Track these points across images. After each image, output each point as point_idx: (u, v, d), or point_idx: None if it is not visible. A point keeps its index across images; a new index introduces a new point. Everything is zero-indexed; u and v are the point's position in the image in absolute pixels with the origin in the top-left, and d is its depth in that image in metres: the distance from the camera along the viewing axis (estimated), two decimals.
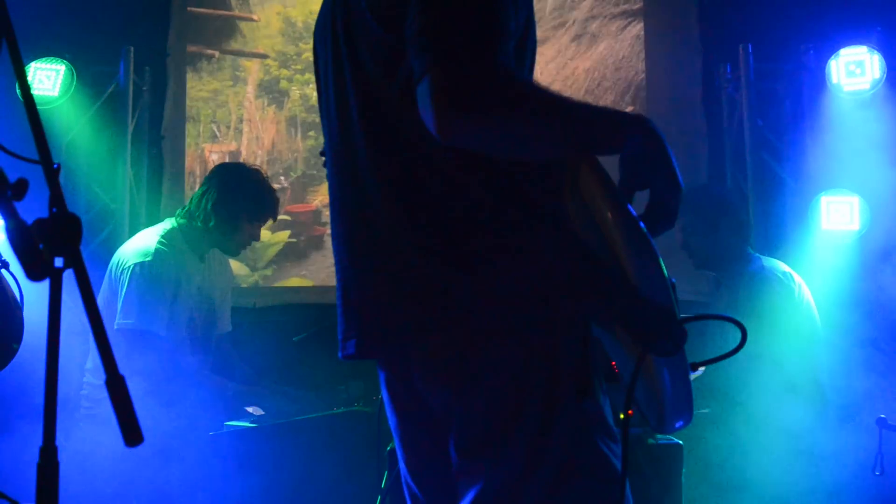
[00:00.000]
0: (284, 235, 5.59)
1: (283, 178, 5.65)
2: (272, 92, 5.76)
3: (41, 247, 1.18)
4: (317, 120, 5.54)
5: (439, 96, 1.42)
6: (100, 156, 5.30)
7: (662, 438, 3.12)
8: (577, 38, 5.67)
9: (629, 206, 1.48)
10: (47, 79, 5.08)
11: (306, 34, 5.75)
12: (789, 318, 3.82)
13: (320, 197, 5.63)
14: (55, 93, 5.07)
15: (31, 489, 1.32)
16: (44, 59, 5.09)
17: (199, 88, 5.75)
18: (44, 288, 1.28)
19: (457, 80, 1.42)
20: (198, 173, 5.63)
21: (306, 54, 5.73)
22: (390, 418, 1.84)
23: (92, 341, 1.25)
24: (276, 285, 5.57)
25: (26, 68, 1.39)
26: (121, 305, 3.62)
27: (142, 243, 3.75)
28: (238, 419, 3.62)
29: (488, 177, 1.57)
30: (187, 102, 5.71)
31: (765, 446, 3.55)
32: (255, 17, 5.82)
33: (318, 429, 3.49)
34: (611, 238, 1.47)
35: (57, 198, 1.27)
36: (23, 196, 1.17)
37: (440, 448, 1.66)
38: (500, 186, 1.57)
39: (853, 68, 4.94)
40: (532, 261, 1.55)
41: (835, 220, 4.83)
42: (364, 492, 3.24)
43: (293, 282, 5.56)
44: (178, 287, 3.75)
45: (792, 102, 5.29)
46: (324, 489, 3.37)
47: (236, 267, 5.39)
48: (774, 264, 4.04)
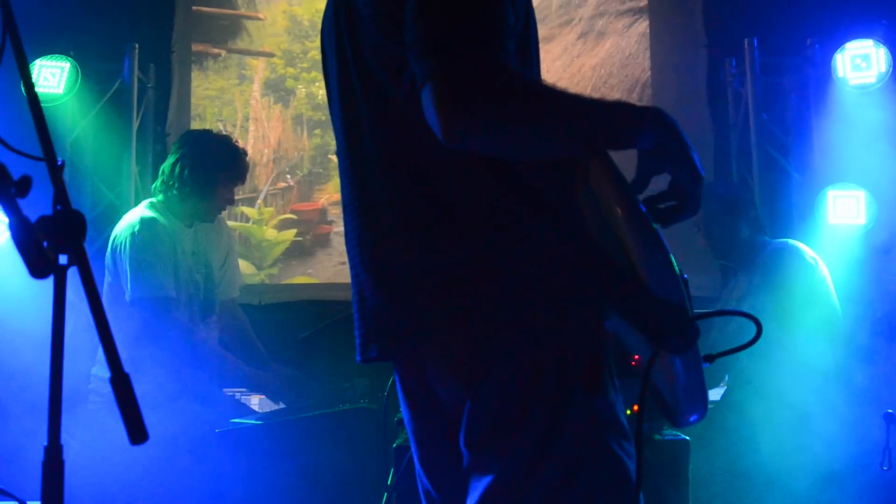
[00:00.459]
0: (290, 234, 5.58)
1: (289, 176, 5.64)
2: (278, 90, 5.75)
3: (45, 244, 1.18)
4: (323, 118, 5.55)
5: (443, 102, 1.40)
6: (104, 153, 5.30)
7: (669, 434, 3.11)
8: (583, 35, 5.67)
9: (639, 202, 1.47)
10: (52, 76, 5.07)
11: (312, 32, 5.74)
12: (810, 291, 3.82)
13: (326, 195, 5.62)
14: (60, 90, 5.07)
15: (34, 485, 1.32)
16: (48, 56, 5.08)
17: (205, 87, 5.75)
18: (48, 285, 1.28)
19: (459, 84, 1.40)
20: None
21: (312, 52, 5.72)
22: (404, 413, 1.83)
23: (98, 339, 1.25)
24: (281, 283, 5.55)
25: (31, 66, 1.39)
26: (128, 280, 3.65)
27: (129, 218, 3.82)
28: (243, 415, 3.62)
29: (498, 174, 1.56)
30: (193, 101, 5.71)
31: (771, 440, 3.55)
32: (260, 15, 5.82)
33: (324, 426, 3.48)
34: (621, 234, 1.46)
35: (61, 195, 1.27)
36: (26, 193, 1.16)
37: (453, 444, 1.65)
38: (511, 183, 1.56)
39: (859, 62, 4.92)
40: (543, 257, 1.54)
41: (841, 214, 4.82)
42: (370, 489, 3.23)
43: (299, 280, 5.55)
44: (174, 250, 3.78)
45: (798, 97, 5.27)
46: (330, 486, 3.37)
47: (243, 265, 5.39)
48: (798, 244, 4.06)
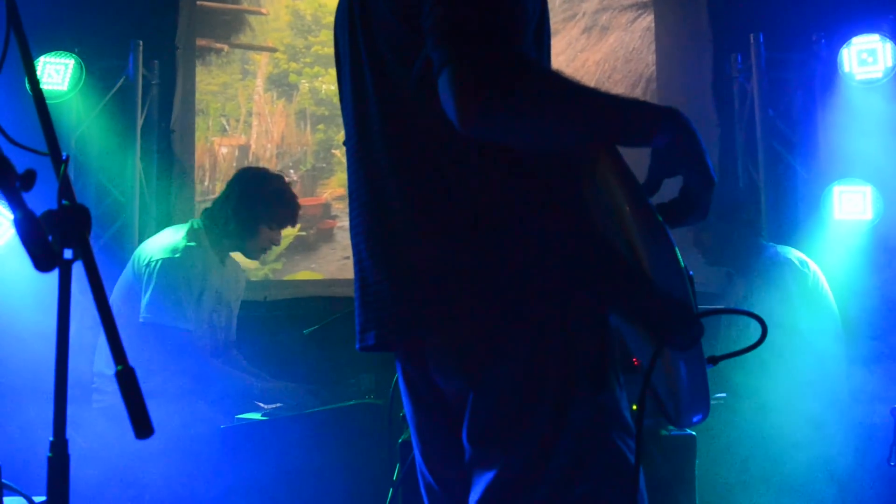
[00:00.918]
0: (294, 229, 5.55)
1: (292, 171, 5.64)
2: (281, 85, 5.74)
3: (50, 238, 1.17)
4: (326, 113, 5.55)
5: (460, 88, 1.39)
6: (109, 150, 5.29)
7: (675, 430, 3.10)
8: (587, 30, 5.65)
9: (647, 199, 1.46)
10: (56, 73, 5.06)
11: (315, 27, 5.73)
12: (803, 303, 3.80)
13: (330, 190, 5.62)
14: (64, 87, 5.06)
15: (39, 480, 1.32)
16: (53, 53, 5.08)
17: (208, 82, 5.75)
18: (53, 281, 1.27)
19: (477, 71, 1.39)
20: (207, 167, 5.63)
21: (315, 47, 5.71)
22: (406, 407, 1.83)
23: (102, 334, 1.24)
24: (285, 278, 5.56)
25: (35, 62, 1.39)
26: (147, 300, 3.63)
27: (170, 239, 3.78)
28: (250, 412, 3.62)
29: (505, 167, 1.55)
30: (197, 97, 5.70)
31: (778, 436, 3.54)
32: (263, 10, 5.81)
33: (329, 421, 3.48)
34: (627, 229, 1.45)
35: (66, 189, 1.27)
36: (31, 187, 1.16)
37: (455, 438, 1.64)
38: (519, 176, 1.55)
39: (865, 57, 4.90)
40: (548, 251, 1.53)
41: (847, 209, 4.80)
42: (376, 484, 3.23)
43: (303, 275, 5.54)
44: (203, 286, 3.77)
45: (804, 92, 5.26)
46: (335, 481, 3.36)
47: (246, 260, 5.38)
48: (789, 251, 4.03)
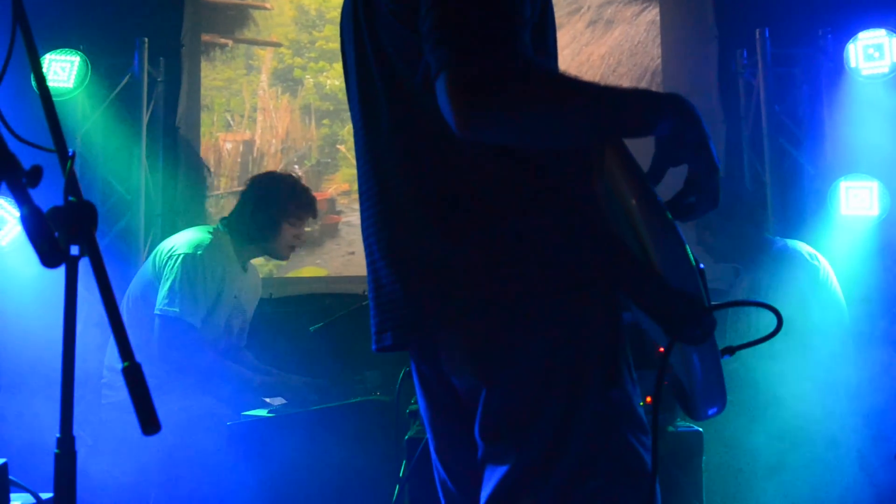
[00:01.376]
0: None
1: (297, 166, 5.64)
2: (286, 80, 5.74)
3: (56, 234, 1.17)
4: (331, 108, 5.55)
5: (457, 92, 1.38)
6: (115, 147, 5.29)
7: (682, 426, 3.10)
8: (592, 23, 5.64)
9: (654, 191, 1.45)
10: (62, 70, 5.07)
11: (319, 22, 5.73)
12: (813, 296, 3.78)
13: (335, 185, 5.62)
14: (70, 84, 5.07)
15: (46, 477, 1.31)
16: (58, 50, 5.08)
17: (212, 77, 5.75)
18: (60, 277, 1.27)
19: (473, 74, 1.38)
20: (212, 162, 5.63)
21: (319, 42, 5.71)
22: (420, 402, 1.83)
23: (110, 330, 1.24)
24: (290, 274, 5.56)
25: (41, 60, 1.38)
26: (166, 291, 3.64)
27: (194, 236, 3.81)
28: (256, 408, 3.63)
29: (514, 163, 1.54)
30: (201, 92, 5.71)
31: (785, 432, 3.53)
32: (267, 5, 5.80)
33: (335, 418, 3.48)
34: (636, 223, 1.44)
35: (72, 186, 1.26)
36: (37, 183, 1.15)
37: (469, 435, 1.64)
38: (528, 173, 1.54)
39: (872, 52, 4.89)
40: (559, 247, 1.52)
41: (854, 205, 4.79)
42: (383, 481, 3.23)
43: (308, 270, 5.55)
44: (223, 287, 3.78)
45: (810, 87, 5.25)
46: (342, 478, 3.36)
47: None
48: (798, 245, 4.01)
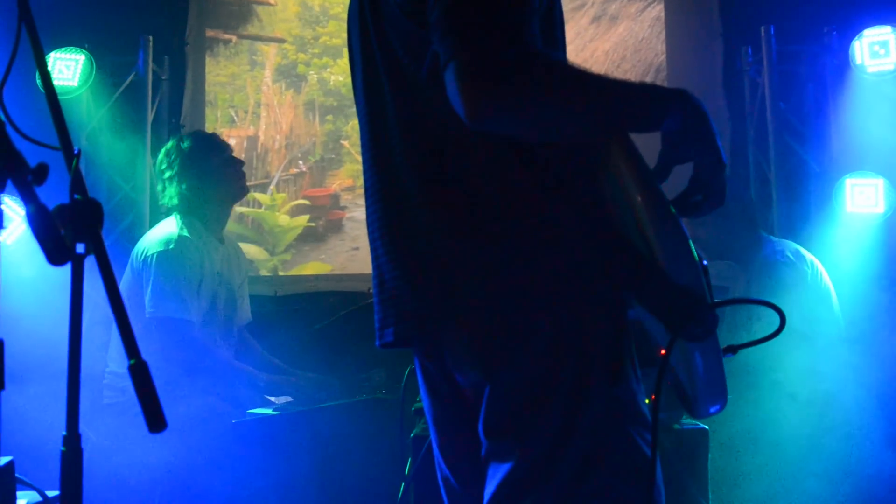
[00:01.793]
0: (303, 220, 5.59)
1: (301, 162, 5.64)
2: (290, 76, 5.74)
3: (62, 232, 1.17)
4: (335, 104, 5.55)
5: (466, 81, 1.39)
6: (120, 146, 5.29)
7: (688, 423, 3.09)
8: (596, 19, 5.63)
9: (659, 188, 1.45)
10: (67, 69, 5.06)
11: (323, 18, 5.73)
12: (802, 300, 3.76)
13: (339, 181, 5.62)
14: (75, 83, 5.06)
15: (53, 475, 1.31)
16: (63, 49, 5.07)
17: (216, 73, 5.75)
18: (65, 275, 1.27)
19: (483, 63, 1.39)
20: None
21: (323, 38, 5.71)
22: (423, 400, 1.83)
23: (115, 328, 1.24)
24: (294, 269, 5.57)
25: (46, 58, 1.38)
26: (149, 295, 3.64)
27: (163, 231, 3.80)
28: (262, 406, 3.63)
29: (519, 158, 1.54)
30: (205, 88, 5.71)
31: (787, 424, 3.52)
32: (271, 1, 5.80)
33: (341, 416, 3.48)
34: (639, 219, 1.44)
35: (78, 183, 1.26)
36: (43, 181, 1.15)
37: (472, 431, 1.64)
38: (534, 169, 1.54)
39: (877, 49, 4.87)
40: (564, 244, 1.52)
41: (860, 202, 4.77)
42: (388, 479, 3.22)
43: (312, 266, 5.56)
44: (202, 271, 3.78)
45: (815, 85, 5.23)
46: (347, 477, 3.36)
47: (255, 251, 5.41)
48: (787, 247, 3.98)
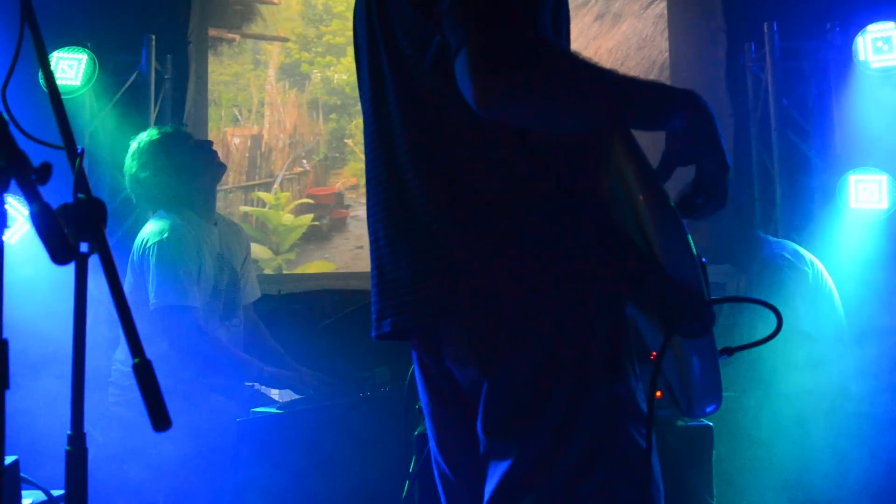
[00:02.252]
0: (307, 219, 5.58)
1: (304, 161, 5.64)
2: (293, 75, 5.74)
3: (66, 231, 1.17)
4: (338, 102, 5.55)
5: (478, 68, 1.40)
6: (123, 145, 5.25)
7: (692, 420, 3.09)
8: (599, 17, 5.63)
9: (661, 186, 1.45)
10: (69, 68, 5.06)
11: (326, 17, 5.73)
12: (803, 302, 3.74)
13: (343, 179, 5.62)
14: (77, 82, 5.06)
15: (58, 474, 1.32)
16: (66, 48, 5.07)
17: (220, 72, 5.75)
18: (69, 275, 1.27)
19: (495, 50, 1.40)
20: (220, 157, 5.63)
21: (327, 37, 5.71)
22: (422, 397, 1.83)
23: (119, 327, 1.24)
24: (298, 268, 5.57)
25: (49, 57, 1.38)
26: (152, 286, 3.64)
27: (156, 223, 3.80)
28: (264, 405, 3.62)
29: (521, 154, 1.55)
30: (209, 87, 5.71)
31: (791, 421, 3.52)
32: (275, 0, 5.81)
33: (345, 414, 3.47)
34: (640, 215, 1.44)
35: (81, 182, 1.26)
36: (47, 180, 1.15)
37: (470, 428, 1.64)
38: (533, 164, 1.54)
39: (880, 45, 4.87)
40: (563, 239, 1.52)
41: (863, 198, 4.77)
42: (392, 477, 3.22)
43: (316, 265, 5.56)
44: (201, 255, 3.78)
45: (818, 81, 5.23)
46: (351, 475, 3.36)
47: (260, 250, 5.41)
48: (785, 247, 3.95)
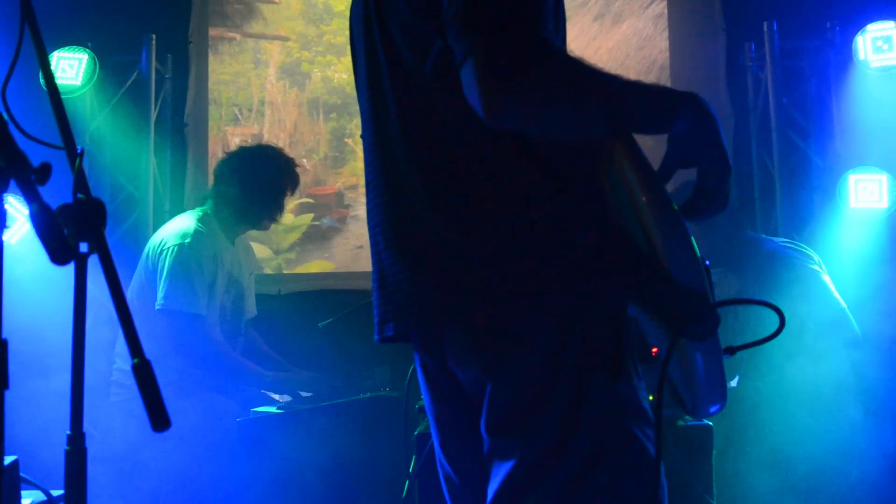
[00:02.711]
0: (307, 218, 5.58)
1: (304, 160, 5.63)
2: (294, 74, 5.74)
3: (65, 231, 1.17)
4: (339, 102, 5.55)
5: (485, 76, 1.40)
6: (123, 144, 5.30)
7: (692, 420, 3.09)
8: (599, 17, 5.63)
9: (664, 188, 1.45)
10: (70, 68, 5.06)
11: (327, 16, 5.73)
12: (803, 300, 3.72)
13: (343, 179, 5.62)
14: (78, 82, 5.06)
15: (57, 474, 1.32)
16: (66, 48, 5.08)
17: (220, 72, 5.75)
18: (69, 275, 1.27)
19: (502, 58, 1.41)
20: (220, 157, 5.63)
21: (327, 36, 5.71)
22: (424, 397, 1.83)
23: (119, 327, 1.24)
24: (298, 268, 5.57)
25: (49, 57, 1.38)
26: (162, 287, 3.63)
27: (181, 225, 3.78)
28: (266, 405, 3.63)
29: (522, 155, 1.55)
30: (209, 86, 5.71)
31: (793, 420, 3.51)
32: None
33: (345, 414, 3.47)
34: (643, 218, 1.44)
35: (81, 183, 1.26)
36: (46, 180, 1.16)
37: (473, 428, 1.64)
38: (534, 166, 1.55)
39: (880, 44, 4.87)
40: (567, 241, 1.52)
41: (863, 198, 4.77)
42: (392, 477, 3.22)
43: (316, 265, 5.56)
44: (216, 269, 3.77)
45: (818, 80, 5.23)
46: (351, 474, 3.36)
47: (259, 250, 5.41)
48: (786, 244, 3.93)
